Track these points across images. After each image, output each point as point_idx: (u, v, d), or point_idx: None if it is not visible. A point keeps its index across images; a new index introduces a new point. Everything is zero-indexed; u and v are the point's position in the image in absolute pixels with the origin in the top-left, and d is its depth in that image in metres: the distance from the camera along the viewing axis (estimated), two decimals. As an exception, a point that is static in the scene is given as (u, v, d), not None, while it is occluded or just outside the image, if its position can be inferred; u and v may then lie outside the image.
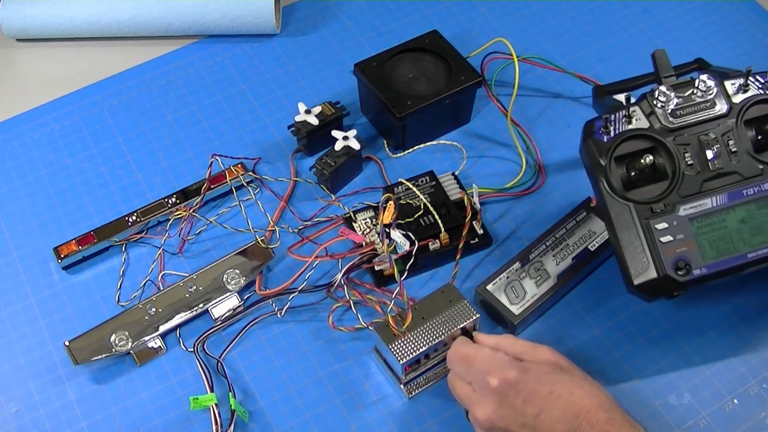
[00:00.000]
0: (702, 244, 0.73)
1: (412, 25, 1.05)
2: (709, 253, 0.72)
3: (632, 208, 0.74)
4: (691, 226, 0.73)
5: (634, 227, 0.73)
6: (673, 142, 0.75)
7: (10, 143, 0.96)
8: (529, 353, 0.70)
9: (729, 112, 0.75)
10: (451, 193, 0.86)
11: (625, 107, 0.76)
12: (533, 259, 0.83)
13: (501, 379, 0.67)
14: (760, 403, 0.76)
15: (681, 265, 0.72)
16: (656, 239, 0.73)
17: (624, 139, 0.75)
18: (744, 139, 0.75)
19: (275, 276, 0.85)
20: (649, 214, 0.73)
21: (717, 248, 0.73)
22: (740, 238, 0.73)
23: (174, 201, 0.88)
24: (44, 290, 0.85)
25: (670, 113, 0.75)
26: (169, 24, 1.02)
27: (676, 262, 0.72)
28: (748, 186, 0.74)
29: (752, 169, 0.74)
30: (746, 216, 0.73)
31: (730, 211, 0.73)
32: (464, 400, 0.71)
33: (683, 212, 0.73)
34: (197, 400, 0.75)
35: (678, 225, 0.73)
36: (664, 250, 0.72)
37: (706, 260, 0.72)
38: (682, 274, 0.72)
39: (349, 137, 0.89)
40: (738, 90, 0.76)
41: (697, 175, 0.74)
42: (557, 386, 0.67)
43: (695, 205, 0.73)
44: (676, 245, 0.72)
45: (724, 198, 0.73)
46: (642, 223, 0.73)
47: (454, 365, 0.72)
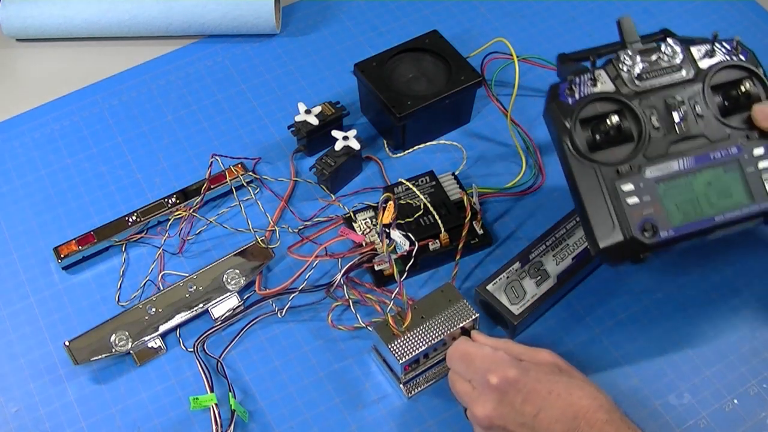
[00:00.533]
0: (668, 207, 0.71)
1: (412, 25, 1.05)
2: (675, 215, 0.71)
3: (598, 169, 0.72)
4: (658, 189, 0.72)
5: (599, 189, 0.72)
6: (639, 105, 0.73)
7: (10, 143, 0.96)
8: (529, 355, 0.70)
9: (695, 77, 0.75)
10: (451, 193, 0.86)
11: (591, 70, 0.75)
12: (533, 259, 0.83)
13: (501, 377, 0.67)
14: (760, 403, 0.76)
15: (647, 227, 0.71)
16: (622, 201, 0.71)
17: (589, 102, 0.74)
18: (711, 104, 0.74)
19: (275, 276, 0.85)
20: (615, 176, 0.72)
21: (684, 211, 0.71)
22: (707, 201, 0.72)
23: (174, 201, 0.88)
24: (44, 290, 0.85)
25: (636, 77, 0.74)
26: (169, 24, 1.02)
27: (643, 225, 0.71)
28: (715, 150, 0.73)
29: (719, 133, 0.73)
30: (713, 179, 0.72)
31: (697, 174, 0.72)
32: (463, 397, 0.71)
33: (650, 174, 0.72)
34: (197, 400, 0.75)
35: (644, 187, 0.71)
36: (631, 212, 0.71)
37: (673, 223, 0.71)
38: (649, 236, 0.70)
39: (349, 137, 0.89)
40: (704, 56, 0.75)
41: (663, 137, 0.73)
42: (556, 386, 0.67)
43: (662, 167, 0.72)
44: (643, 207, 0.71)
45: (691, 161, 0.72)
46: (608, 185, 0.72)
47: (454, 363, 0.72)
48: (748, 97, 0.74)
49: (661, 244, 0.71)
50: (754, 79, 0.75)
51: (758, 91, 0.75)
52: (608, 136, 0.73)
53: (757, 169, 0.72)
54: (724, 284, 0.83)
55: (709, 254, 0.85)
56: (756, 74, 0.75)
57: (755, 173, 0.72)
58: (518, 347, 0.71)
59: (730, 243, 0.85)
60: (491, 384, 0.68)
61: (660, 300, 0.82)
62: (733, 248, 0.85)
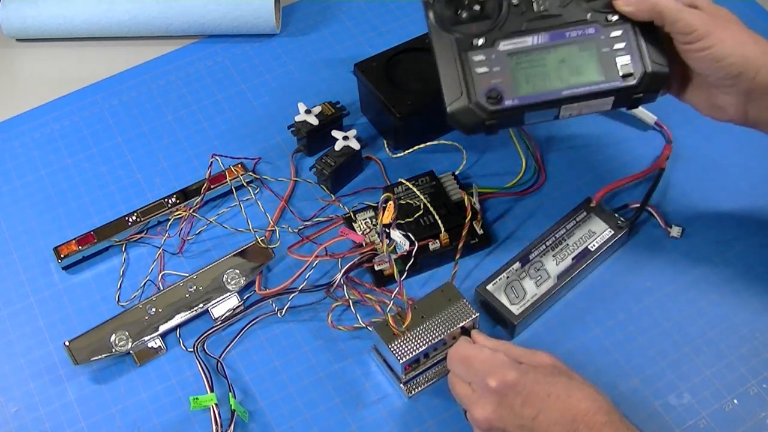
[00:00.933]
0: (517, 78, 0.74)
1: (412, 25, 1.05)
2: (524, 87, 0.74)
3: (453, 40, 0.75)
4: (510, 61, 0.74)
5: (452, 58, 0.75)
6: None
7: (10, 143, 0.96)
8: (528, 357, 0.70)
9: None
10: (451, 193, 0.86)
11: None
12: (533, 259, 0.83)
13: (500, 380, 0.67)
14: (760, 403, 0.76)
15: (493, 95, 0.73)
16: (472, 70, 0.74)
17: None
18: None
19: (275, 276, 0.85)
20: (468, 47, 0.75)
21: (533, 84, 0.74)
22: (558, 76, 0.74)
23: (174, 201, 0.88)
24: (44, 290, 0.85)
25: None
26: (169, 24, 1.02)
27: (489, 92, 0.73)
28: (571, 29, 0.75)
29: (578, 14, 0.75)
30: (567, 56, 0.74)
31: (551, 50, 0.74)
32: (463, 399, 0.71)
33: (502, 47, 0.75)
34: (197, 400, 0.75)
35: (495, 59, 0.74)
36: (478, 80, 0.74)
37: (520, 93, 0.74)
38: (492, 102, 0.73)
39: (349, 137, 0.89)
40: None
41: (521, 15, 0.75)
42: (555, 388, 0.67)
43: (515, 42, 0.75)
44: (491, 77, 0.74)
45: (546, 37, 0.75)
46: (460, 55, 0.75)
47: (454, 365, 0.72)
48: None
49: (504, 110, 0.74)
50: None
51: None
52: (470, 12, 0.76)
53: (612, 50, 0.74)
54: (724, 284, 0.83)
55: (709, 254, 0.85)
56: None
57: (610, 53, 0.74)
58: (517, 349, 0.71)
59: (730, 243, 0.86)
60: (490, 387, 0.68)
61: (660, 300, 0.82)
62: (733, 248, 0.85)
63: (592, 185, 0.89)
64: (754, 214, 0.88)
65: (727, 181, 0.90)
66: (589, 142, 0.94)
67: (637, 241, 0.86)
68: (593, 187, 0.88)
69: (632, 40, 0.74)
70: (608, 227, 0.84)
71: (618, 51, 0.74)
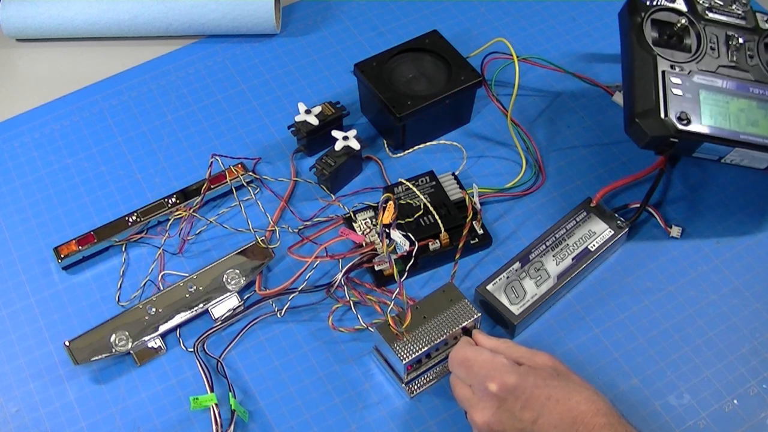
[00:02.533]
0: (704, 110, 0.80)
1: (412, 25, 1.05)
2: (707, 118, 0.80)
3: (657, 58, 0.82)
4: (700, 93, 0.81)
5: (653, 73, 0.81)
6: (703, 29, 0.84)
7: (10, 143, 0.96)
8: (528, 358, 0.70)
9: (754, 29, 0.86)
10: (451, 193, 0.86)
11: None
12: (533, 259, 0.83)
13: (500, 383, 0.67)
14: (759, 403, 0.76)
15: (683, 116, 0.79)
16: (669, 89, 0.80)
17: (663, 9, 0.85)
18: (761, 54, 0.85)
19: (275, 276, 0.85)
20: (668, 69, 0.82)
21: (715, 119, 0.80)
22: (736, 121, 0.81)
23: (174, 201, 0.88)
24: (44, 290, 0.85)
25: (707, 7, 0.86)
26: (169, 24, 1.02)
27: (679, 113, 0.79)
28: (755, 86, 0.83)
29: (762, 76, 0.84)
30: (746, 107, 0.82)
31: (735, 97, 0.82)
32: (464, 402, 0.71)
33: (697, 79, 0.82)
34: (197, 400, 0.75)
35: (690, 86, 0.81)
36: (672, 100, 0.80)
37: (704, 123, 0.79)
38: (684, 123, 0.79)
39: (349, 137, 0.89)
40: (766, 21, 0.88)
41: (716, 59, 0.83)
42: (555, 391, 0.67)
43: (708, 79, 0.82)
44: (683, 101, 0.80)
45: (733, 85, 0.82)
46: (660, 72, 0.81)
47: (455, 367, 0.72)
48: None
49: (690, 133, 0.79)
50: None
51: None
52: (671, 40, 0.84)
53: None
54: (724, 284, 0.83)
55: (709, 255, 0.85)
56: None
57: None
58: (518, 349, 0.71)
59: (730, 243, 0.86)
60: (490, 391, 0.68)
61: (660, 300, 0.82)
62: (733, 248, 0.85)
63: (592, 185, 0.89)
64: (753, 214, 0.88)
65: (727, 181, 0.90)
66: (589, 142, 0.94)
67: (637, 241, 0.86)
68: (593, 187, 0.88)
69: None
70: (608, 227, 0.84)
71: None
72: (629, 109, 0.81)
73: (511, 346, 0.72)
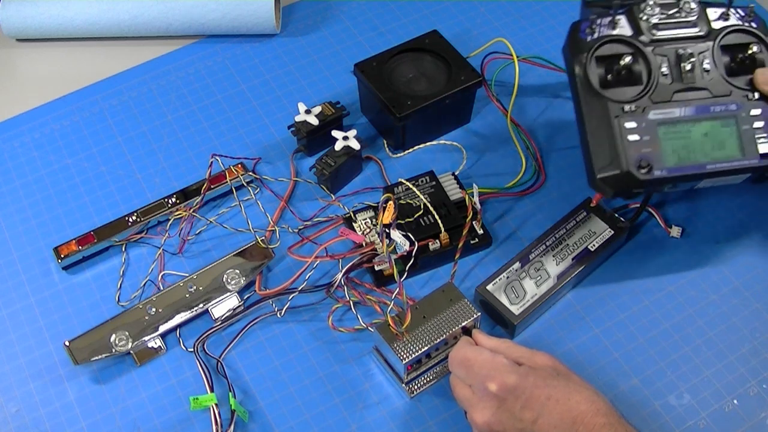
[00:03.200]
0: (665, 149, 0.75)
1: (412, 25, 1.05)
2: (670, 157, 0.75)
3: (606, 104, 0.76)
4: (658, 130, 0.76)
5: (604, 123, 0.76)
6: (652, 52, 0.78)
7: (10, 143, 0.96)
8: (528, 358, 0.70)
9: (707, 35, 0.79)
10: (451, 193, 0.86)
11: (611, 14, 0.79)
12: (533, 259, 0.83)
13: (500, 384, 0.68)
14: (759, 403, 0.76)
15: (644, 164, 0.75)
16: (624, 137, 0.75)
17: (606, 41, 0.78)
18: (718, 62, 0.78)
19: (275, 276, 0.85)
20: (620, 113, 0.76)
21: (679, 155, 0.76)
22: (701, 149, 0.76)
23: (174, 201, 0.88)
24: (44, 290, 0.85)
25: (653, 26, 0.79)
26: (169, 24, 1.02)
27: (639, 161, 0.75)
28: (715, 103, 0.77)
29: (722, 89, 0.78)
30: (710, 130, 0.76)
31: (696, 123, 0.76)
32: (464, 402, 0.71)
33: (652, 116, 0.76)
34: (197, 400, 0.75)
35: (646, 127, 0.76)
36: (630, 147, 0.75)
37: (667, 163, 0.75)
38: (644, 172, 0.75)
39: (349, 137, 0.89)
40: (719, 18, 0.80)
41: (669, 85, 0.77)
42: (555, 391, 0.67)
43: (664, 112, 0.76)
44: (642, 145, 0.75)
45: (692, 110, 0.77)
46: (612, 120, 0.76)
47: (455, 367, 0.72)
48: (753, 60, 0.79)
49: (654, 181, 0.75)
50: (762, 45, 0.79)
51: (764, 57, 0.79)
52: (619, 76, 0.78)
53: (752, 128, 0.77)
54: (724, 284, 0.83)
55: (709, 255, 0.85)
56: (764, 41, 0.80)
57: (749, 131, 0.77)
58: (518, 349, 0.71)
59: (730, 243, 0.86)
60: (490, 391, 0.68)
61: (660, 300, 0.82)
62: (733, 248, 0.85)
63: (592, 185, 0.89)
64: (753, 214, 0.88)
65: (727, 181, 0.90)
66: (589, 142, 0.94)
67: (637, 241, 0.86)
68: (593, 187, 0.88)
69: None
70: (608, 227, 0.84)
71: (757, 130, 0.77)
72: (588, 164, 0.76)
73: (511, 346, 0.72)
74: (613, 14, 0.79)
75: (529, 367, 0.69)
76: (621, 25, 0.79)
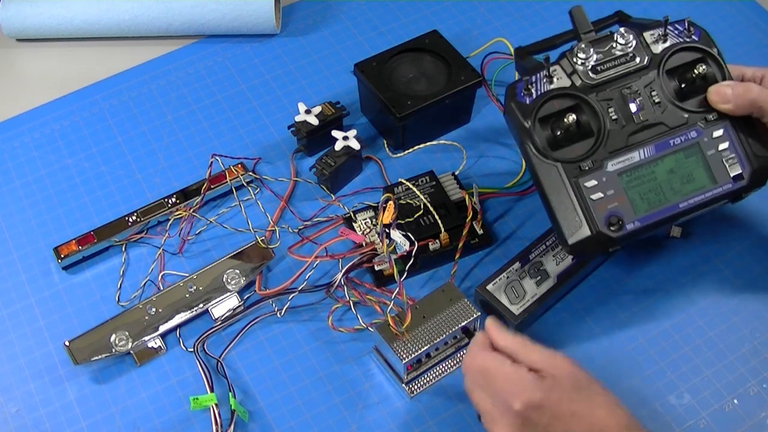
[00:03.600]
0: (633, 198, 0.73)
1: (412, 25, 1.05)
2: (640, 205, 0.73)
3: (560, 168, 0.73)
4: (621, 181, 0.73)
5: (563, 187, 0.73)
6: (595, 98, 0.74)
7: (10, 143, 0.96)
8: (548, 363, 0.67)
9: (650, 63, 0.75)
10: (451, 193, 0.86)
11: (545, 67, 0.75)
12: (533, 259, 0.82)
13: (525, 402, 0.64)
14: (759, 403, 0.76)
15: (613, 221, 0.72)
16: (587, 197, 0.72)
17: (546, 100, 0.74)
18: (667, 89, 0.75)
19: (275, 276, 0.85)
20: (578, 172, 0.73)
21: (648, 200, 0.73)
22: (670, 188, 0.73)
23: (174, 201, 0.88)
24: (44, 290, 0.85)
25: (591, 69, 0.75)
26: (169, 24, 1.02)
27: (609, 218, 0.72)
28: (674, 136, 0.74)
29: (677, 119, 0.74)
30: (675, 165, 0.73)
31: (659, 162, 0.73)
32: (484, 415, 0.68)
33: (611, 168, 0.73)
34: (197, 400, 0.75)
35: (607, 181, 0.73)
36: (596, 207, 0.72)
37: (639, 213, 0.72)
38: (615, 229, 0.72)
39: (349, 137, 0.89)
40: (657, 40, 0.76)
41: (622, 129, 0.74)
42: (579, 407, 0.65)
43: (623, 160, 0.73)
44: (607, 201, 0.72)
45: (652, 149, 0.73)
46: (571, 182, 0.73)
47: (473, 375, 0.69)
48: (704, 78, 0.75)
49: (628, 236, 0.72)
50: (709, 59, 0.75)
51: (713, 71, 0.75)
52: (568, 133, 0.74)
53: (718, 151, 0.74)
54: (724, 284, 0.83)
55: (708, 255, 0.85)
56: (709, 53, 0.76)
57: (715, 155, 0.74)
58: (536, 352, 0.68)
59: (730, 243, 0.86)
60: (514, 409, 0.65)
61: (660, 300, 0.82)
62: (733, 248, 0.85)
63: (592, 185, 0.89)
64: (753, 214, 0.88)
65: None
66: (589, 142, 0.94)
67: (637, 241, 0.86)
68: (593, 187, 0.88)
69: (734, 137, 0.74)
70: (608, 227, 0.84)
71: (723, 152, 0.73)
72: (557, 230, 0.74)
73: (529, 349, 0.68)
74: (547, 66, 0.75)
75: (552, 379, 0.66)
76: (558, 76, 0.75)
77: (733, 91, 0.73)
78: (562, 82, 0.75)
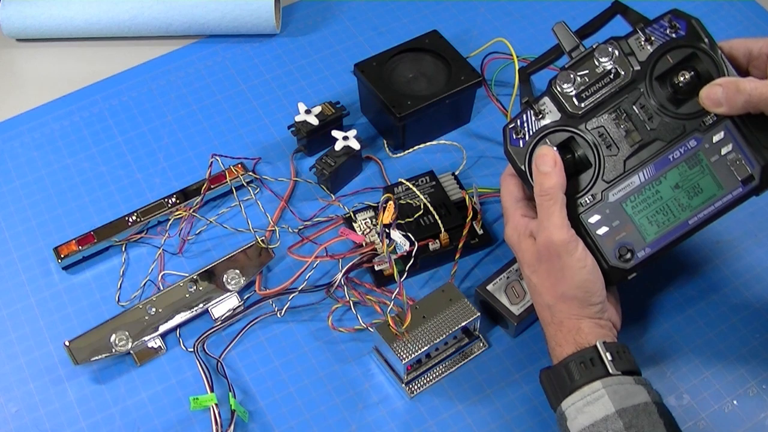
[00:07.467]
0: (641, 224, 0.70)
1: (412, 25, 1.05)
2: (649, 230, 0.70)
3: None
4: (625, 209, 0.70)
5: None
6: (585, 128, 0.71)
7: (10, 143, 0.96)
8: None
9: (636, 75, 0.71)
10: (451, 193, 0.86)
11: (531, 106, 0.73)
12: (533, 259, 0.82)
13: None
14: (759, 404, 0.76)
15: (623, 252, 0.70)
16: (593, 233, 0.70)
17: (539, 139, 0.72)
18: (658, 100, 0.70)
19: (275, 276, 0.85)
20: (580, 209, 0.71)
21: (657, 222, 0.70)
22: (678, 205, 0.70)
23: (174, 201, 0.88)
24: (44, 290, 0.85)
25: (577, 96, 0.71)
26: (169, 24, 1.02)
27: (618, 250, 0.70)
28: (672, 149, 0.70)
29: (673, 131, 0.70)
30: (679, 179, 0.70)
31: (662, 179, 0.70)
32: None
33: (613, 198, 0.70)
34: (197, 400, 0.75)
35: (611, 212, 0.70)
36: (603, 242, 0.70)
37: (648, 239, 0.70)
38: (627, 259, 0.70)
39: (349, 137, 0.89)
40: (642, 44, 0.71)
41: (617, 155, 0.70)
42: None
43: (623, 186, 0.70)
44: (614, 233, 0.70)
45: (651, 170, 0.70)
46: (577, 219, 0.71)
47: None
48: (697, 74, 0.69)
49: (641, 264, 0.71)
50: (699, 53, 0.70)
51: (705, 66, 0.69)
52: (566, 171, 0.71)
53: (721, 156, 0.69)
54: (724, 284, 0.83)
55: (708, 255, 0.85)
56: (698, 47, 0.70)
57: (720, 160, 0.69)
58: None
59: (730, 243, 0.86)
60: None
61: (660, 300, 0.82)
62: (733, 249, 0.85)
63: (592, 185, 0.89)
64: (754, 214, 0.88)
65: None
66: (589, 143, 0.94)
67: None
68: (593, 188, 0.88)
69: (737, 136, 0.68)
70: (608, 228, 0.83)
71: (728, 155, 0.68)
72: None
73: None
74: (537, 99, 0.72)
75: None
76: (548, 109, 0.72)
77: (725, 92, 0.67)
78: (552, 115, 0.72)
